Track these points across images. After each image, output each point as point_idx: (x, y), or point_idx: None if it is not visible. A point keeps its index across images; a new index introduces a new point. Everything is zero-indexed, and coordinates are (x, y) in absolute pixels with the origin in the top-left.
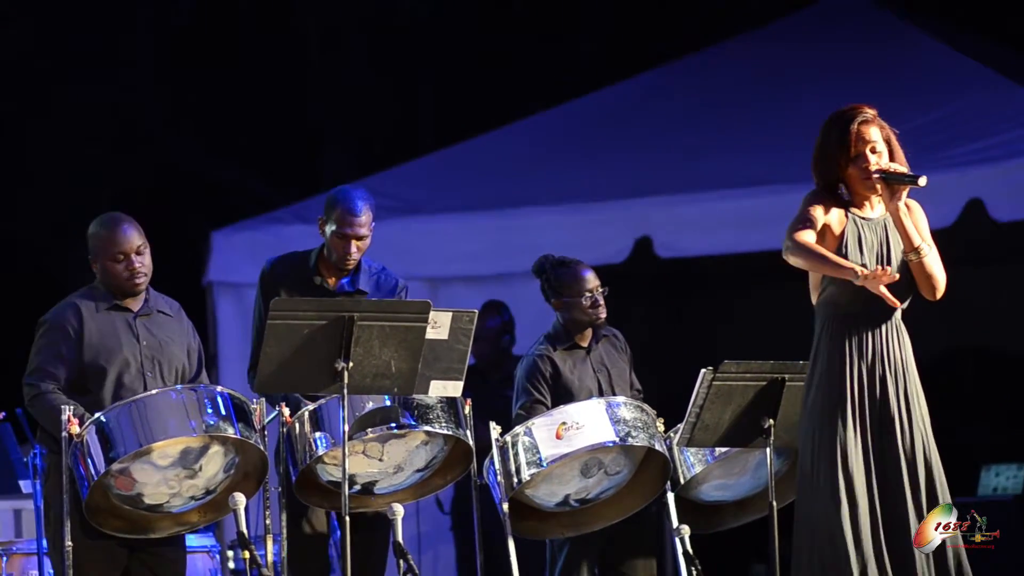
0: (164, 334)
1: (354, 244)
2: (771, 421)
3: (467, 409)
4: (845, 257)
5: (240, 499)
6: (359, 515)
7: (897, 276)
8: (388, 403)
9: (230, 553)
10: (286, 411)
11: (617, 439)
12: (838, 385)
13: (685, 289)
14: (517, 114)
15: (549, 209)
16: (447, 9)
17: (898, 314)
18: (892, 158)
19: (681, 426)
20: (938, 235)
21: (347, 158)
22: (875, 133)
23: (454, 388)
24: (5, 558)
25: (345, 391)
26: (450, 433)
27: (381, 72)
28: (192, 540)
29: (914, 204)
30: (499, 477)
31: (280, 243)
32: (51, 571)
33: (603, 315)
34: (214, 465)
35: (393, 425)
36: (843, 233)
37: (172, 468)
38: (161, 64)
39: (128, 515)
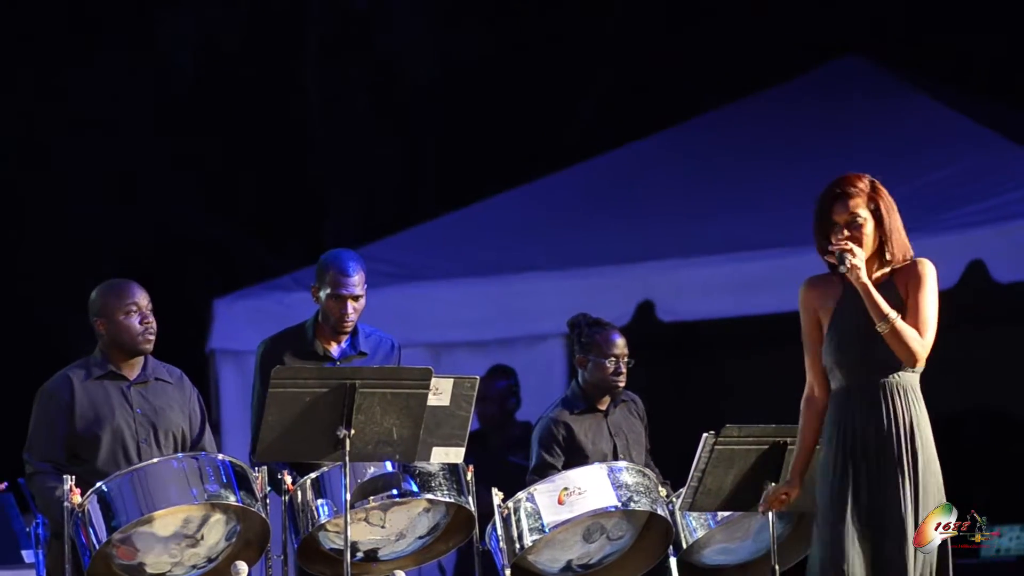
0: (161, 401)
1: (350, 305)
2: (773, 485)
3: (469, 475)
4: (835, 328)
5: (242, 567)
6: None
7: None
8: (390, 470)
9: None
10: (288, 479)
11: (619, 504)
12: (834, 452)
13: (687, 353)
14: (519, 179)
15: (551, 274)
16: (449, 75)
17: (904, 379)
18: (881, 227)
19: (683, 490)
20: (940, 296)
21: (349, 224)
22: (855, 205)
23: (456, 455)
24: None
25: (347, 459)
26: (452, 500)
27: (383, 138)
28: None
29: (924, 270)
30: (501, 543)
31: (282, 310)
32: None
33: (622, 384)
34: (216, 533)
35: (395, 492)
36: (835, 309)
37: (174, 537)
38: (163, 129)
39: None
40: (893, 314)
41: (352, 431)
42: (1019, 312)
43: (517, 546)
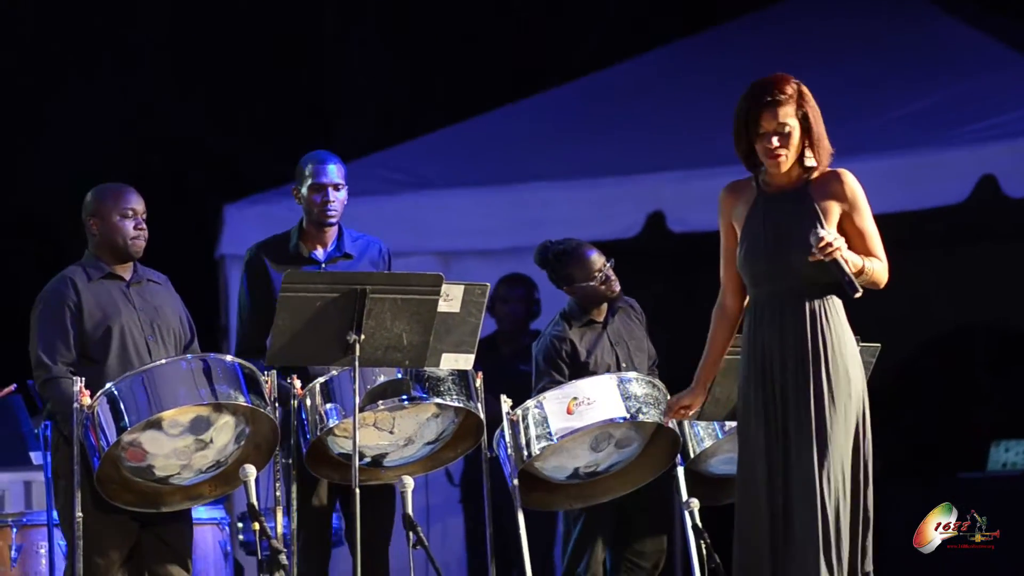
0: (157, 300)
1: (331, 192)
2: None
3: (478, 382)
4: (745, 237)
5: (251, 471)
6: (364, 487)
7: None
8: (399, 376)
9: (240, 525)
10: (297, 383)
11: (628, 415)
12: (746, 370)
13: (698, 264)
14: (530, 89)
15: (561, 184)
16: None
17: (813, 291)
18: (808, 136)
19: None
20: (951, 211)
21: (359, 132)
22: (784, 114)
23: (465, 361)
24: (16, 529)
25: (356, 363)
26: (461, 406)
27: (394, 47)
28: (202, 512)
29: (854, 188)
30: (509, 450)
31: (292, 216)
32: (62, 543)
33: (617, 288)
34: (225, 435)
35: (404, 398)
36: (746, 216)
37: (183, 438)
38: (174, 38)
39: (139, 488)
40: (866, 266)
41: (362, 336)
42: None
43: (525, 453)
